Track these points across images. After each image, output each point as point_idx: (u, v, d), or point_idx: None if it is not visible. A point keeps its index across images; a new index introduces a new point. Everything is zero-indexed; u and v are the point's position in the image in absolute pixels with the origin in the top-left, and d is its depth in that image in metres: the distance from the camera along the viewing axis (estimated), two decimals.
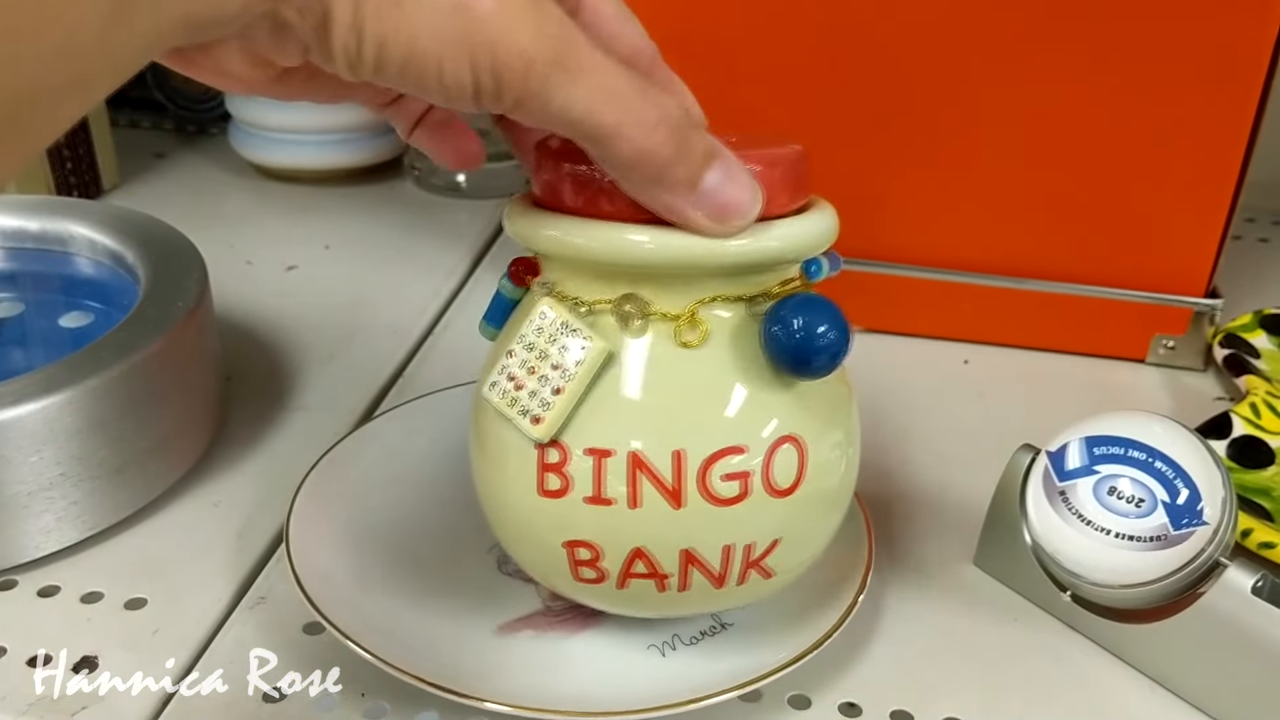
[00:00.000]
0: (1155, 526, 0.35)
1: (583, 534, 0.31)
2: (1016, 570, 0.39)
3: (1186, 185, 0.50)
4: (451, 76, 0.25)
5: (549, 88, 0.25)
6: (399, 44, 0.24)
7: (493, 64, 0.25)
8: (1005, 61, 0.49)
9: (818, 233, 0.31)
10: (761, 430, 0.31)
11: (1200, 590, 0.34)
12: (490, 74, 0.25)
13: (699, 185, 0.28)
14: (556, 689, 0.34)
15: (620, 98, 0.27)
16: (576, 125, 0.26)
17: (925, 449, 0.47)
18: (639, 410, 0.31)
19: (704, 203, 0.29)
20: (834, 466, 0.33)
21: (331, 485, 0.40)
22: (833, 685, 0.36)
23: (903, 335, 0.56)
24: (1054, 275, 0.53)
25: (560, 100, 0.26)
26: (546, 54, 0.25)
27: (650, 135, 0.27)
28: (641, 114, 0.27)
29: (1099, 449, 0.36)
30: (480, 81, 0.25)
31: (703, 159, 0.28)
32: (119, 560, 0.40)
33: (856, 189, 0.53)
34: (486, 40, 0.24)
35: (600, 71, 0.26)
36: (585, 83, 0.26)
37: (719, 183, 0.29)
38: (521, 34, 0.25)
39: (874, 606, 0.39)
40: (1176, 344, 0.54)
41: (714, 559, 0.32)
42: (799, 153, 0.32)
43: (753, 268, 0.31)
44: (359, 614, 0.35)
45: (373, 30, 0.24)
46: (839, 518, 0.35)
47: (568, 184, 0.31)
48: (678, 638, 0.36)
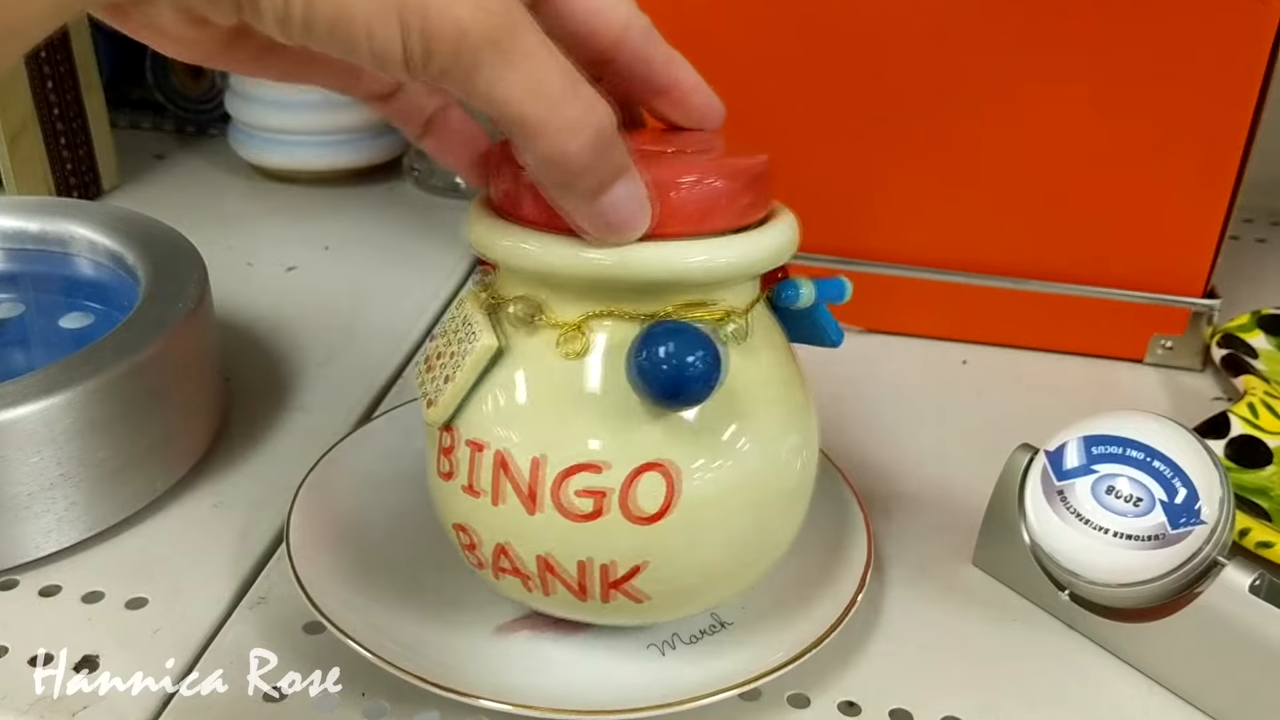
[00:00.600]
0: (1153, 525, 0.35)
1: (461, 519, 0.33)
2: (1015, 569, 0.39)
3: (1185, 185, 0.50)
4: (381, 39, 0.24)
5: (479, 64, 0.25)
6: (327, 1, 0.23)
7: (423, 28, 0.24)
8: (1004, 61, 0.49)
9: (725, 260, 0.30)
10: (624, 452, 0.30)
11: (1198, 589, 0.34)
12: (420, 38, 0.24)
13: (601, 198, 0.28)
14: (556, 688, 0.34)
15: (551, 94, 0.26)
16: (499, 110, 0.26)
17: (923, 448, 0.47)
18: (512, 411, 0.31)
19: (600, 214, 0.28)
20: (713, 492, 0.31)
21: (331, 485, 0.41)
22: (832, 684, 0.36)
23: (901, 335, 0.56)
24: (1052, 275, 0.53)
25: (486, 80, 0.25)
26: (482, 28, 0.24)
27: (571, 140, 0.26)
28: (568, 117, 0.26)
29: (1097, 448, 0.37)
30: (410, 46, 0.24)
31: (613, 173, 0.28)
32: (119, 560, 0.40)
33: (855, 188, 0.53)
34: (418, 3, 0.24)
35: (537, 61, 0.25)
36: (518, 69, 0.25)
37: (620, 199, 0.28)
38: (459, 2, 0.24)
39: (873, 606, 0.39)
40: (1175, 344, 0.54)
41: (570, 570, 0.31)
42: (748, 167, 0.31)
43: (642, 287, 0.30)
44: (359, 614, 0.35)
45: (303, 18, 0.23)
46: (745, 542, 0.33)
47: (496, 184, 0.32)
48: (677, 637, 0.36)
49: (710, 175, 0.30)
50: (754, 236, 0.31)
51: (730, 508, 0.32)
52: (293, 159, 0.70)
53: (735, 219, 0.31)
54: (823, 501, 0.41)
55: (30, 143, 0.62)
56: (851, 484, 0.41)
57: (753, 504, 0.32)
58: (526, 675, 0.34)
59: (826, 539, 0.39)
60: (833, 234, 0.54)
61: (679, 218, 0.30)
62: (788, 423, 0.33)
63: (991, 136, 0.51)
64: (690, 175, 0.30)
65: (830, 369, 0.53)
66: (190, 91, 0.79)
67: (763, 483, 0.32)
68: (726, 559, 0.33)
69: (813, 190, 0.53)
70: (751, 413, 0.32)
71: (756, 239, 0.31)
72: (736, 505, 0.32)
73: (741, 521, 0.32)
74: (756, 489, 0.32)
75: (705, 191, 0.30)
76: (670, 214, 0.29)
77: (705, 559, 0.32)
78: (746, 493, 0.32)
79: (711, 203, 0.30)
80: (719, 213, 0.30)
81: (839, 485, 0.41)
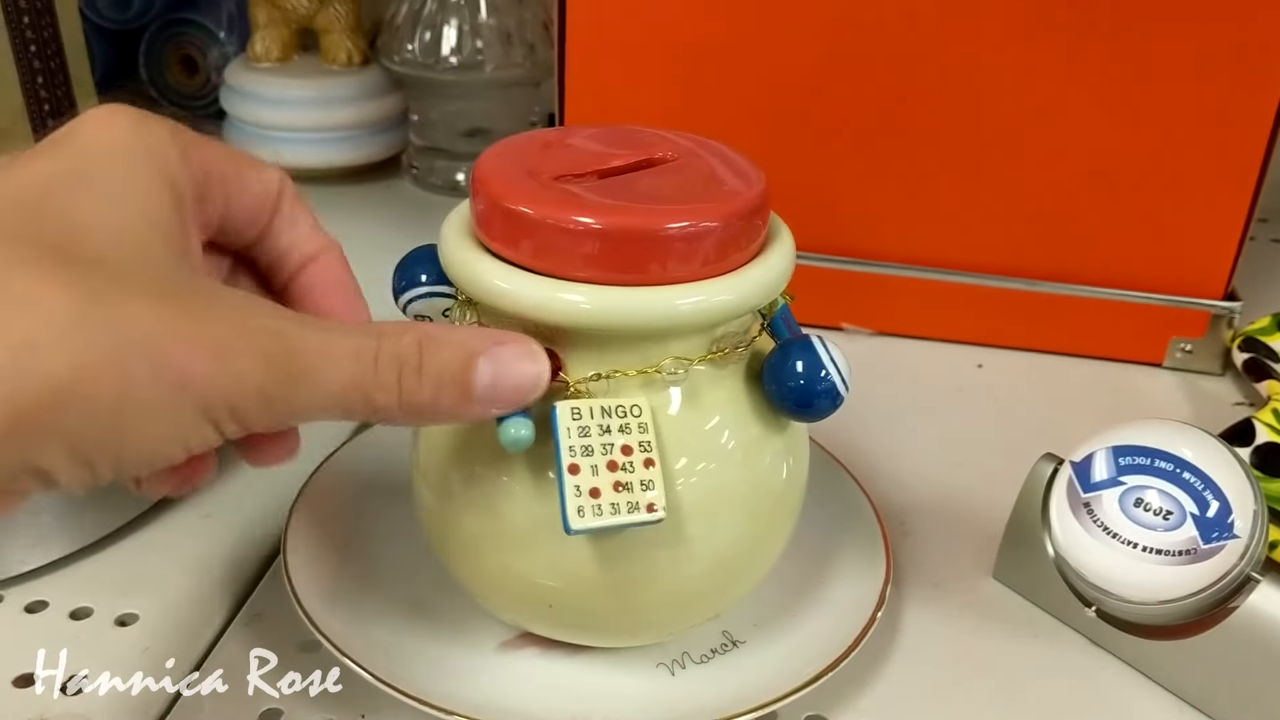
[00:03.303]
0: (1184, 540, 0.34)
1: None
2: (1038, 584, 0.38)
3: (1205, 185, 0.49)
4: (200, 441, 0.24)
5: (293, 399, 0.24)
6: (134, 448, 0.23)
7: (234, 413, 0.24)
8: (1022, 60, 0.48)
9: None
10: None
11: (1231, 605, 0.33)
12: (235, 422, 0.24)
13: (472, 393, 0.26)
14: (561, 709, 0.32)
15: (356, 366, 0.25)
16: (329, 413, 0.25)
17: (939, 456, 0.46)
18: None
19: (490, 399, 0.27)
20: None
21: (328, 497, 0.39)
22: (849, 704, 0.34)
23: (915, 338, 0.55)
24: (1068, 277, 0.52)
25: (305, 403, 0.25)
26: (278, 375, 0.24)
27: (398, 389, 0.25)
28: (379, 375, 0.25)
29: (1125, 459, 0.35)
30: (227, 432, 0.24)
31: (460, 368, 0.26)
32: (108, 575, 0.38)
33: (868, 188, 0.52)
34: (221, 400, 0.23)
35: (328, 356, 0.25)
36: (322, 377, 0.24)
37: (491, 379, 0.26)
38: (249, 379, 0.23)
39: (890, 622, 0.37)
40: (1194, 347, 0.53)
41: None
42: (740, 206, 0.29)
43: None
44: (358, 631, 0.34)
45: (101, 455, 0.23)
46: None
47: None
48: (688, 656, 0.35)
49: (704, 219, 0.29)
50: (741, 278, 0.30)
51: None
52: (290, 156, 0.68)
53: (731, 264, 0.30)
54: (839, 513, 0.40)
55: (20, 140, 0.61)
56: (869, 495, 0.40)
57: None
58: (531, 695, 0.33)
59: (842, 552, 0.38)
60: (845, 235, 0.52)
61: (674, 264, 0.29)
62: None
63: (1007, 136, 0.50)
64: (682, 221, 0.28)
65: None
66: (185, 87, 0.77)
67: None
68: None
69: (826, 190, 0.52)
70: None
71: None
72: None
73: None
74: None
75: (696, 240, 0.29)
76: (664, 260, 0.28)
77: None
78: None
79: (705, 251, 0.29)
80: (716, 261, 0.29)
81: (856, 496, 0.40)
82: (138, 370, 0.22)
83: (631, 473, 0.28)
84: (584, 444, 0.28)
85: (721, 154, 0.32)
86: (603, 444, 0.28)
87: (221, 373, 0.23)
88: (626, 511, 0.28)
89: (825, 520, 0.39)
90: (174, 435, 0.23)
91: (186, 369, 0.23)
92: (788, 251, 0.31)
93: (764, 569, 0.34)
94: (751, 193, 0.30)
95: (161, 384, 0.22)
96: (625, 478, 0.28)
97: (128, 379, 0.22)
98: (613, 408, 0.29)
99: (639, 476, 0.28)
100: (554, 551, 0.30)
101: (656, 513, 0.28)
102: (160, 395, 0.22)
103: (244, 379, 0.23)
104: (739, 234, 0.29)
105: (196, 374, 0.23)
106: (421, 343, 0.26)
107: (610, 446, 0.28)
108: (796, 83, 0.50)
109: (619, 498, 0.28)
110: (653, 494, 0.28)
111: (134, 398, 0.22)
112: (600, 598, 0.31)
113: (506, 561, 0.31)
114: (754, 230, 0.30)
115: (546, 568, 0.31)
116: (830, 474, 0.41)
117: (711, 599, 0.33)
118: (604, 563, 0.30)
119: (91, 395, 0.22)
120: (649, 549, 0.30)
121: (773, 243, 0.31)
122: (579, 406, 0.28)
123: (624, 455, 0.28)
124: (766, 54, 0.49)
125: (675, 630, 0.34)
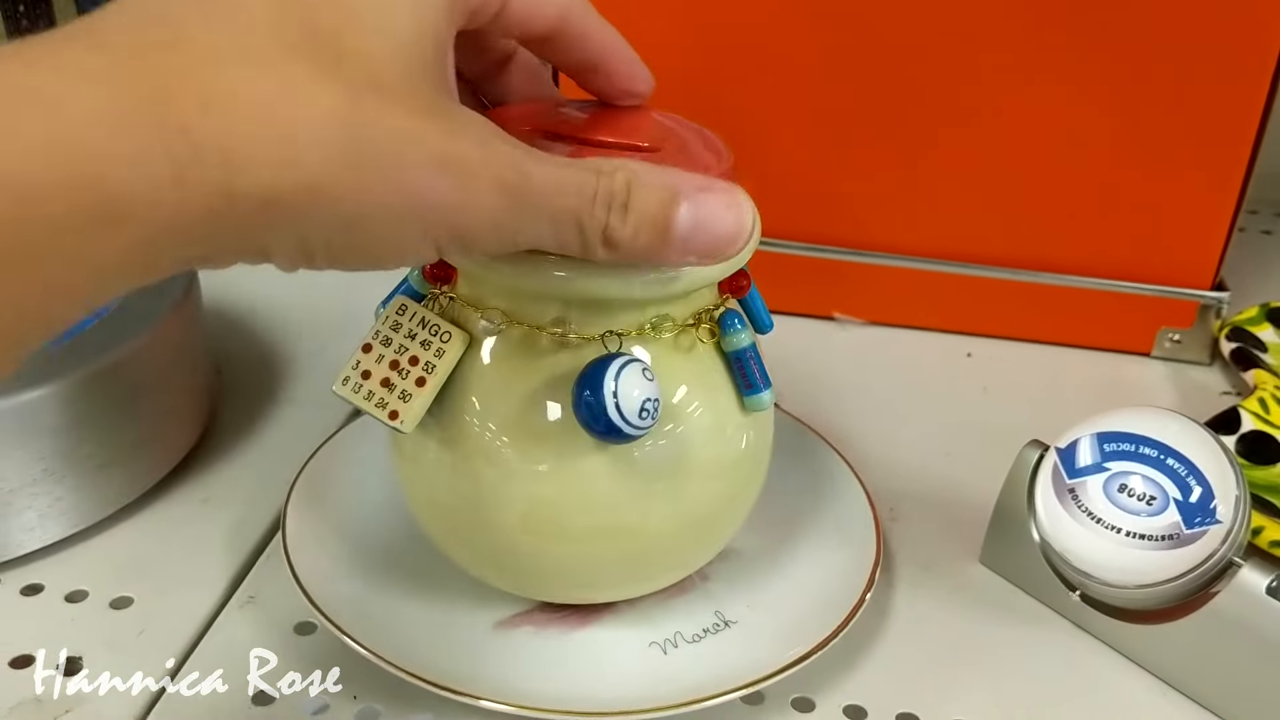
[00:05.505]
0: (1167, 525, 0.34)
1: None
2: (1024, 569, 0.38)
3: (1194, 176, 0.50)
4: (415, 256, 0.25)
5: (519, 228, 0.25)
6: (355, 253, 0.24)
7: (461, 242, 0.25)
8: (1011, 53, 0.48)
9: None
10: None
11: (1213, 590, 0.34)
12: (461, 249, 0.25)
13: (670, 236, 0.27)
14: (555, 687, 0.33)
15: (578, 200, 0.26)
16: (545, 244, 0.26)
17: (928, 444, 0.47)
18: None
19: (686, 246, 0.27)
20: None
21: (326, 480, 0.40)
22: (837, 686, 0.35)
23: (904, 327, 0.55)
24: (1057, 267, 0.53)
25: (529, 233, 0.25)
26: (511, 205, 0.24)
27: (605, 225, 0.26)
28: (595, 212, 0.26)
29: (1110, 445, 0.36)
30: (446, 248, 0.25)
31: (663, 209, 0.26)
32: (105, 558, 0.39)
33: (860, 180, 0.52)
34: (449, 226, 0.24)
35: (557, 189, 0.25)
36: (548, 210, 0.25)
37: (692, 225, 0.27)
38: (485, 203, 0.24)
39: (878, 605, 0.38)
40: (1182, 337, 0.53)
41: None
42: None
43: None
44: (355, 611, 0.34)
45: (324, 252, 0.24)
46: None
47: None
48: (680, 635, 0.35)
49: None
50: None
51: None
52: None
53: None
54: (832, 497, 0.40)
55: None
56: (862, 480, 0.40)
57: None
58: (526, 673, 0.34)
59: (834, 535, 0.39)
60: (837, 225, 0.53)
61: None
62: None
63: (999, 127, 0.50)
64: None
65: (833, 362, 0.52)
66: None
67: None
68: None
69: (817, 180, 0.53)
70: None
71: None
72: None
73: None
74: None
75: None
76: None
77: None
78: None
79: None
80: None
81: (849, 480, 0.41)
82: (383, 183, 0.23)
83: (403, 380, 0.31)
84: (389, 336, 0.31)
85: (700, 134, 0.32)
86: (400, 345, 0.31)
87: (461, 200, 0.24)
88: (375, 405, 0.31)
89: (818, 504, 0.40)
90: (396, 249, 0.24)
91: (429, 192, 0.23)
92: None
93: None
94: (721, 167, 0.30)
95: (401, 201, 0.23)
96: (396, 381, 0.31)
97: (372, 190, 0.23)
98: (431, 324, 0.31)
99: (405, 387, 0.31)
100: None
101: (398, 421, 0.30)
102: (397, 212, 0.23)
103: (481, 207, 0.24)
104: None
105: (437, 197, 0.23)
106: (630, 181, 0.26)
107: (403, 350, 0.31)
108: (788, 72, 0.50)
109: (380, 392, 0.31)
110: (404, 406, 0.30)
111: (373, 209, 0.23)
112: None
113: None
114: None
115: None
116: (824, 459, 0.42)
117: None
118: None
119: (337, 199, 0.22)
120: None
121: None
122: (409, 306, 0.31)
123: (410, 365, 0.31)
124: (759, 43, 0.50)
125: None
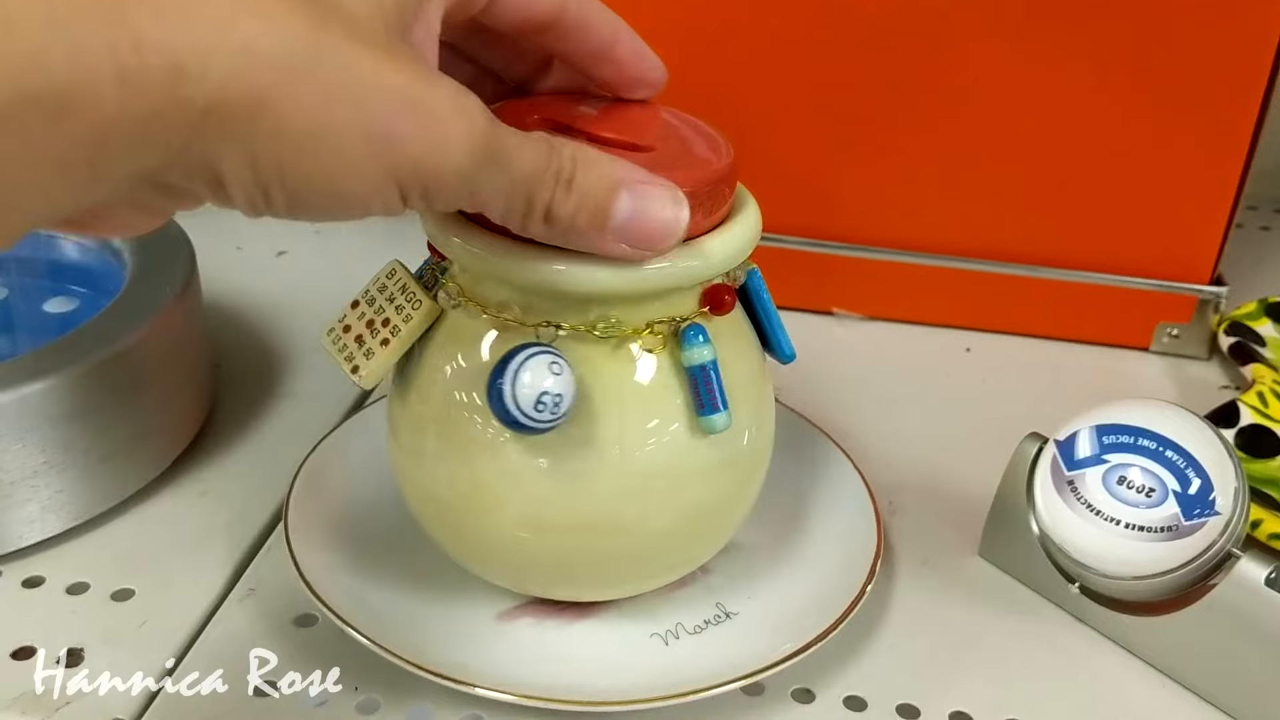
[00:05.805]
0: (1166, 517, 0.34)
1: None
2: (1023, 561, 0.38)
3: (1192, 169, 0.50)
4: (381, 206, 0.24)
5: (481, 180, 0.25)
6: (314, 190, 0.23)
7: (424, 187, 0.24)
8: (1010, 49, 0.48)
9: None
10: None
11: (1212, 582, 0.34)
12: (421, 194, 0.24)
13: (607, 223, 0.27)
14: (556, 677, 0.33)
15: (534, 167, 0.26)
16: (495, 206, 0.26)
17: (928, 438, 0.47)
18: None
19: (623, 235, 0.27)
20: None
21: (326, 473, 0.40)
22: (837, 678, 0.35)
23: (903, 322, 0.55)
24: (1056, 261, 0.53)
25: (489, 188, 0.25)
26: (478, 153, 0.24)
27: (550, 199, 0.26)
28: (544, 181, 0.26)
29: (1109, 437, 0.36)
30: (412, 199, 0.24)
31: (604, 194, 0.27)
32: (105, 551, 0.39)
33: (858, 175, 0.52)
34: (413, 167, 0.24)
35: (520, 150, 0.25)
36: (511, 167, 0.25)
37: (629, 214, 0.27)
38: (453, 148, 0.24)
39: (878, 597, 0.38)
40: (1181, 332, 0.53)
41: None
42: (707, 175, 0.30)
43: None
44: (356, 601, 0.34)
45: (279, 183, 0.23)
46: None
47: None
48: (681, 626, 0.35)
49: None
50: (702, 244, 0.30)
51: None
52: None
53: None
54: (833, 490, 0.40)
55: None
56: (862, 473, 0.40)
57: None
58: (527, 664, 0.34)
59: (835, 528, 0.39)
60: (835, 220, 0.53)
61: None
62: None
63: (997, 121, 0.50)
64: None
65: (832, 356, 0.52)
66: None
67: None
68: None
69: (814, 175, 0.53)
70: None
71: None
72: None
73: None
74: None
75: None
76: None
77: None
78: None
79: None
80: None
81: (850, 474, 0.41)
82: (342, 112, 0.22)
83: (373, 338, 0.32)
84: (374, 296, 0.33)
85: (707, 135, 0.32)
86: (379, 306, 0.33)
87: (428, 143, 0.23)
88: (344, 358, 0.33)
89: (819, 497, 0.40)
90: (358, 189, 0.23)
91: (392, 129, 0.23)
92: (751, 224, 0.31)
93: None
94: (720, 164, 0.30)
95: (363, 135, 0.23)
96: (366, 338, 0.33)
97: (329, 114, 0.22)
98: (410, 290, 0.33)
99: (372, 346, 0.32)
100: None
101: (358, 375, 0.32)
102: (358, 146, 0.23)
103: (449, 152, 0.24)
104: (705, 199, 0.30)
105: (402, 135, 0.23)
106: (577, 159, 0.26)
107: (381, 311, 0.33)
108: (788, 68, 0.50)
109: (352, 346, 0.33)
110: (366, 362, 0.32)
111: (327, 132, 0.22)
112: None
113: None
114: (719, 197, 0.30)
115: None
116: (824, 453, 0.42)
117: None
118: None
119: (287, 115, 0.22)
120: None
121: (736, 215, 0.31)
122: (398, 271, 0.33)
123: (382, 326, 0.32)
124: (758, 39, 0.50)
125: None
